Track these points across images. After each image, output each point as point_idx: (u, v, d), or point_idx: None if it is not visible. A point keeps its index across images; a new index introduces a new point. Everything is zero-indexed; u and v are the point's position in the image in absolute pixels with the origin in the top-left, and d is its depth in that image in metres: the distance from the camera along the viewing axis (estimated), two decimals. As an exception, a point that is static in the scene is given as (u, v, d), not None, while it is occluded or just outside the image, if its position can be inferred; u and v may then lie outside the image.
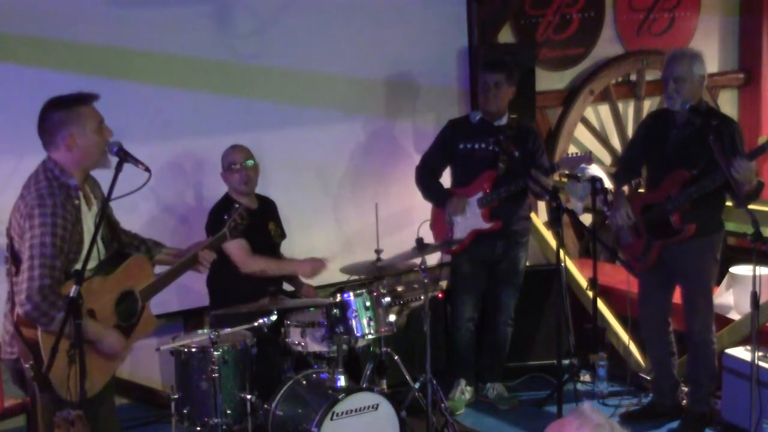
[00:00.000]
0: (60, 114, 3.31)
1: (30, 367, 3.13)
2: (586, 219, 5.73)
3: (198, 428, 4.09)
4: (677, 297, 4.76)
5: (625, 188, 4.84)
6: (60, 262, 3.19)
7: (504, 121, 5.03)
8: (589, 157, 4.93)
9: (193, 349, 4.12)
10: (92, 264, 3.29)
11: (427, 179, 5.17)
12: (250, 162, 4.78)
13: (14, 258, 3.28)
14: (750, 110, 7.02)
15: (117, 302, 3.43)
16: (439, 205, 5.11)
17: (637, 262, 4.71)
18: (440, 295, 5.38)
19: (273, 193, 5.12)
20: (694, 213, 4.46)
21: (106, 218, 3.39)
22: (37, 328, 3.15)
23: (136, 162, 3.36)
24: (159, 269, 3.70)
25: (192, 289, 5.08)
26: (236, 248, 4.68)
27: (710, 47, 6.84)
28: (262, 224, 4.86)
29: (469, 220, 5.03)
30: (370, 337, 4.31)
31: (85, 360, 3.11)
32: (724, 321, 4.89)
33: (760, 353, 4.31)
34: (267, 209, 4.96)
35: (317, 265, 4.82)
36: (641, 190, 4.92)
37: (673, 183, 4.49)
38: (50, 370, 3.08)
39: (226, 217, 3.87)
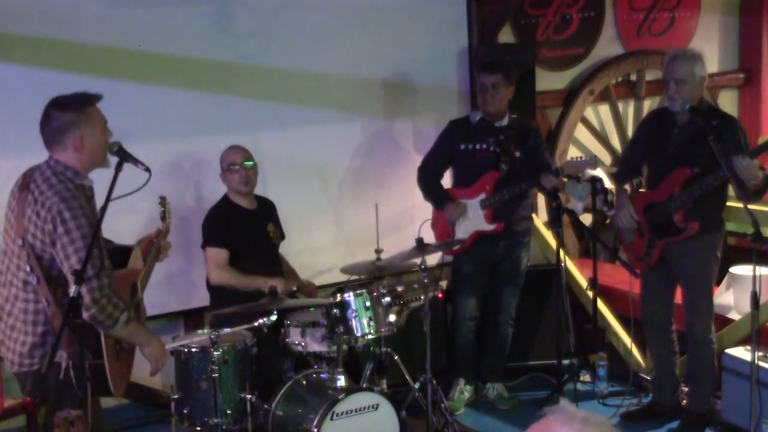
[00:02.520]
0: (70, 115, 3.28)
1: (89, 366, 3.13)
2: (586, 219, 5.73)
3: (198, 428, 4.09)
4: (678, 297, 4.76)
5: (627, 187, 4.83)
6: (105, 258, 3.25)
7: (505, 121, 5.03)
8: (594, 161, 4.92)
9: (193, 349, 4.12)
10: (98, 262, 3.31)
11: (428, 180, 5.17)
12: (249, 162, 4.78)
13: (40, 266, 3.25)
14: (750, 110, 7.02)
15: (131, 296, 3.47)
16: (439, 208, 5.11)
17: (640, 262, 4.71)
18: (440, 295, 5.38)
19: (273, 194, 5.12)
20: (697, 211, 4.46)
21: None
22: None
23: (136, 162, 3.37)
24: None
25: (192, 289, 5.08)
26: (212, 257, 4.67)
27: (710, 47, 6.84)
28: (261, 225, 4.86)
29: (472, 221, 5.03)
30: (370, 337, 4.31)
31: (85, 361, 3.12)
32: (724, 321, 4.89)
33: (760, 353, 4.31)
34: (266, 210, 4.95)
35: (286, 284, 4.77)
36: (642, 190, 4.92)
37: (675, 182, 4.49)
38: (50, 370, 3.09)
39: (161, 210, 4.10)
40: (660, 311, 4.78)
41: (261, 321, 4.08)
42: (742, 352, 4.59)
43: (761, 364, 4.31)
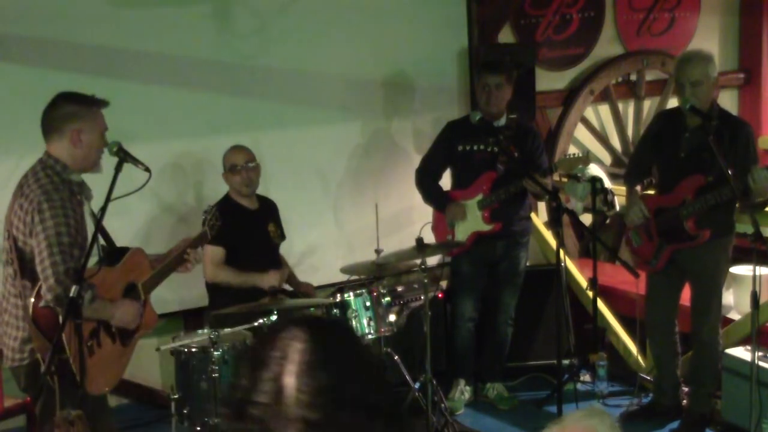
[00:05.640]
0: (75, 107, 3.34)
1: (51, 360, 3.11)
2: (586, 219, 5.73)
3: (198, 428, 4.09)
4: (683, 299, 4.75)
5: (638, 188, 4.82)
6: (76, 252, 3.21)
7: (503, 121, 5.03)
8: (586, 157, 4.92)
9: (193, 349, 4.12)
10: (91, 261, 3.30)
11: (426, 183, 5.16)
12: (251, 163, 4.77)
13: (20, 259, 3.27)
14: (750, 110, 7.02)
15: (123, 295, 3.45)
16: (439, 210, 5.10)
17: (647, 265, 4.69)
18: (440, 295, 5.38)
19: (273, 193, 5.12)
20: (709, 217, 4.41)
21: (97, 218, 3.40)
22: (57, 319, 3.14)
23: (135, 162, 3.38)
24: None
25: (192, 289, 5.08)
26: (208, 255, 4.65)
27: (710, 47, 6.82)
28: (262, 225, 4.86)
29: (470, 222, 5.02)
30: (370, 337, 4.31)
31: (85, 359, 3.13)
32: (724, 321, 4.89)
33: (760, 353, 4.31)
34: (267, 210, 4.95)
35: (279, 277, 4.77)
36: (651, 192, 4.90)
37: (688, 188, 4.43)
38: (51, 366, 3.09)
39: (204, 216, 4.06)
40: (665, 313, 4.77)
41: (261, 321, 4.08)
42: (742, 352, 4.59)
43: (761, 364, 4.31)
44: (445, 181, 5.26)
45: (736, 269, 5.05)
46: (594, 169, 5.30)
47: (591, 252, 5.40)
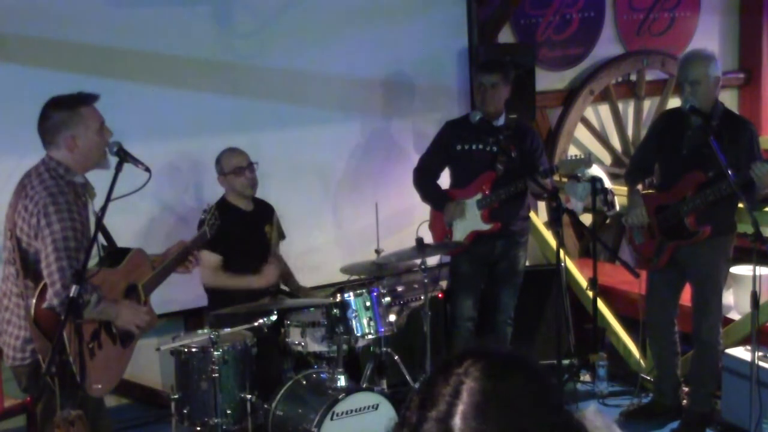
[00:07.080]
0: (62, 114, 3.32)
1: (51, 360, 3.10)
2: (586, 219, 5.73)
3: (198, 428, 4.09)
4: (683, 298, 4.75)
5: (639, 187, 4.82)
6: (82, 256, 3.21)
7: (501, 121, 5.02)
8: (588, 160, 4.92)
9: (193, 349, 4.12)
10: (92, 262, 3.30)
11: (424, 181, 5.16)
12: (252, 164, 4.77)
13: (23, 260, 3.27)
14: (750, 110, 7.01)
15: (124, 296, 3.45)
16: (437, 208, 5.10)
17: (649, 263, 4.70)
18: (440, 295, 5.37)
19: (272, 194, 5.12)
20: (709, 214, 4.42)
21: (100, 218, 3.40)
22: (59, 321, 3.13)
23: (136, 162, 3.38)
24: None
25: (192, 289, 5.07)
26: (206, 261, 4.63)
27: (710, 47, 6.80)
28: (258, 227, 4.85)
29: (469, 221, 5.02)
30: (370, 337, 4.32)
31: (85, 360, 3.13)
32: (724, 321, 4.89)
33: (760, 353, 4.31)
34: (262, 212, 4.93)
35: (274, 272, 4.77)
36: (651, 191, 4.90)
37: (689, 185, 4.44)
38: (52, 367, 3.09)
39: (203, 217, 4.10)
40: (665, 312, 4.77)
41: (261, 321, 4.08)
42: (742, 352, 4.59)
43: (761, 364, 4.31)
44: (444, 181, 5.26)
45: (736, 269, 5.05)
46: (594, 169, 5.29)
47: (591, 252, 5.40)
